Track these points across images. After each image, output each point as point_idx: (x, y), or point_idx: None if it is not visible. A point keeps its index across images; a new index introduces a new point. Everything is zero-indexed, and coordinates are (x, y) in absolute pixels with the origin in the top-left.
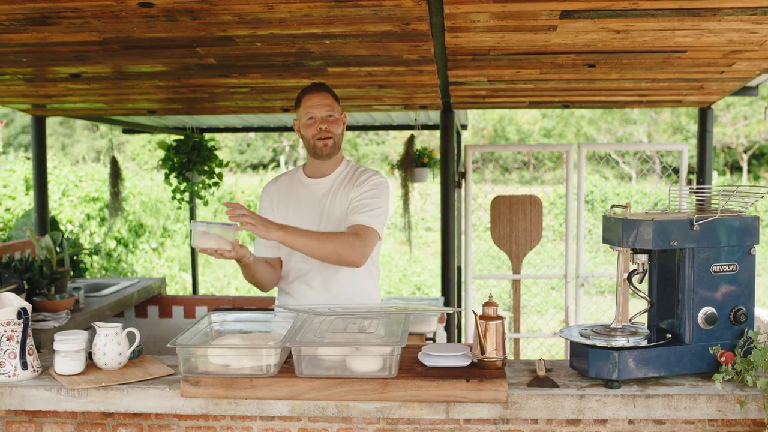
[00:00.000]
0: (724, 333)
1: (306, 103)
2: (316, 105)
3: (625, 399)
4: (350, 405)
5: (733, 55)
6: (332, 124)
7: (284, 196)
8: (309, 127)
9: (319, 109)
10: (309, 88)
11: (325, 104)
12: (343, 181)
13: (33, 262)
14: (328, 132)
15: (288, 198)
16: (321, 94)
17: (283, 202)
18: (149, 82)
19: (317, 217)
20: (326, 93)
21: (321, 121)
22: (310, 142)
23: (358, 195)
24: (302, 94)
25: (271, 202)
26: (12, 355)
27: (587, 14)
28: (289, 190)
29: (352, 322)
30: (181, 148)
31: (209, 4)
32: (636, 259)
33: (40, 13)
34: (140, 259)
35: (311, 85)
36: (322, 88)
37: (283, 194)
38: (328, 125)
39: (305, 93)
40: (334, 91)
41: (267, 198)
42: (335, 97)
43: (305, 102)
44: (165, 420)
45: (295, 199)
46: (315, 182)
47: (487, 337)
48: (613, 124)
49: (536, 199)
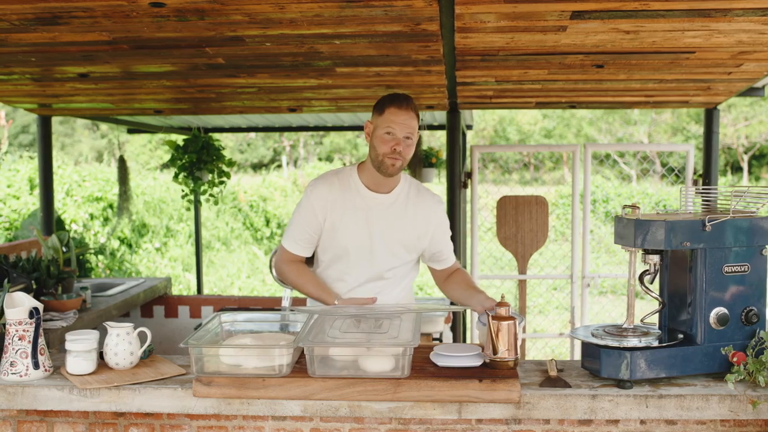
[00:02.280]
0: (735, 333)
1: (390, 116)
2: (400, 123)
3: (637, 399)
4: (363, 405)
5: (741, 56)
6: (407, 148)
7: (339, 201)
8: (384, 142)
9: (401, 128)
10: (398, 100)
11: (408, 125)
12: (403, 203)
13: (40, 261)
14: (400, 155)
15: (344, 204)
16: (409, 113)
17: (338, 207)
18: (157, 82)
19: (372, 231)
20: (413, 113)
21: (398, 142)
22: (380, 158)
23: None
24: (389, 103)
25: (324, 205)
26: (24, 355)
27: (598, 15)
28: (344, 196)
29: (364, 322)
30: (189, 147)
31: (220, 4)
32: (648, 259)
33: (50, 13)
34: (143, 258)
35: (401, 96)
36: (411, 106)
37: (338, 198)
38: (404, 148)
39: (393, 104)
40: (418, 109)
41: (318, 199)
42: (418, 116)
43: (389, 114)
44: (177, 420)
45: (352, 207)
46: (374, 197)
47: (499, 337)
48: (613, 124)
49: (542, 199)
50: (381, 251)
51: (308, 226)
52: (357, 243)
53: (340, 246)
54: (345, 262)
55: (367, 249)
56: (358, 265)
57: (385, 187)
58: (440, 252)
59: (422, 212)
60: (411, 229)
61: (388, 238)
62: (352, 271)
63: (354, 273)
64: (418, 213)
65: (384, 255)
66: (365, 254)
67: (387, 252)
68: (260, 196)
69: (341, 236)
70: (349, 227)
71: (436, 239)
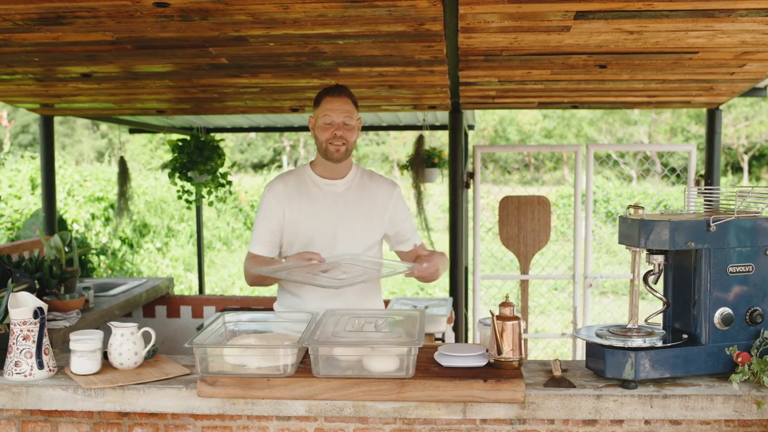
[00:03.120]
0: (739, 334)
1: (326, 105)
2: (336, 109)
3: (642, 399)
4: (367, 405)
5: (744, 57)
6: (348, 131)
7: (295, 194)
8: (324, 130)
9: (337, 114)
10: (332, 90)
11: (344, 110)
12: (358, 187)
13: (43, 261)
14: (342, 138)
15: (300, 196)
16: (342, 99)
17: (295, 200)
18: (159, 81)
19: (333, 217)
20: (347, 98)
21: (337, 126)
22: (323, 145)
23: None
24: (324, 95)
25: (281, 201)
26: (28, 355)
27: (602, 15)
28: (300, 189)
29: (368, 322)
30: (184, 147)
31: (224, 4)
32: (652, 259)
33: (54, 13)
34: (144, 259)
35: (334, 87)
36: (345, 93)
37: (294, 192)
38: (344, 132)
39: (327, 94)
40: (354, 97)
41: (275, 196)
42: (355, 103)
43: (325, 103)
44: (181, 420)
45: (307, 197)
46: (328, 183)
47: (503, 337)
48: (614, 125)
49: (544, 199)
50: (343, 236)
51: (269, 224)
52: (319, 231)
53: (305, 235)
54: None
55: (330, 236)
56: (324, 253)
57: (337, 174)
58: (401, 232)
59: (378, 194)
60: (369, 210)
61: (348, 223)
62: None
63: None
64: (374, 195)
65: (347, 240)
66: (328, 241)
67: (349, 236)
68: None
69: (302, 227)
70: (309, 217)
71: (395, 219)
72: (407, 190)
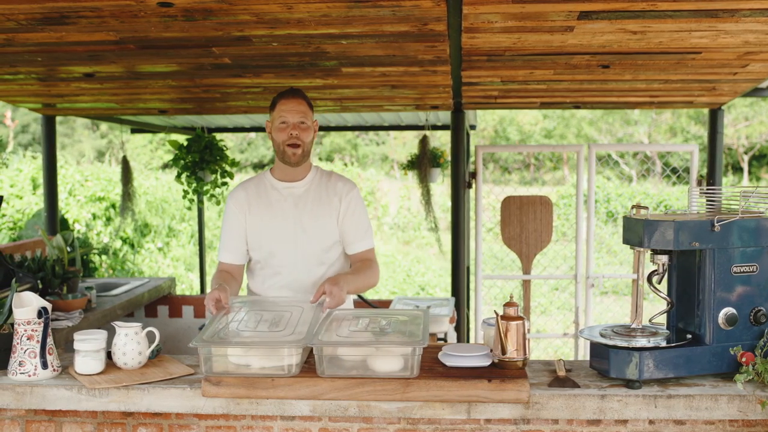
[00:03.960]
0: (744, 334)
1: (281, 107)
2: (290, 110)
3: (646, 399)
4: (372, 405)
5: (747, 57)
6: (303, 132)
7: (255, 200)
8: (281, 131)
9: (292, 115)
10: (285, 93)
11: (298, 111)
12: (317, 188)
13: (45, 261)
14: (298, 139)
15: (259, 202)
16: (296, 100)
17: (254, 206)
18: (162, 81)
19: (292, 221)
20: (301, 99)
21: (293, 127)
22: (280, 147)
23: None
24: (278, 98)
25: (241, 208)
26: (32, 355)
27: (605, 15)
28: (259, 194)
29: (372, 322)
30: (193, 147)
31: (228, 4)
32: (656, 259)
33: (58, 12)
34: (145, 258)
35: (288, 90)
36: (298, 95)
37: (254, 199)
38: (299, 132)
39: (281, 97)
40: (309, 99)
41: (236, 204)
42: (310, 104)
43: (280, 106)
44: (185, 420)
45: (267, 202)
46: (287, 186)
47: (508, 337)
48: (613, 125)
49: (546, 199)
50: (305, 237)
51: (232, 233)
52: (282, 233)
53: (268, 239)
54: (276, 256)
55: (291, 238)
56: (288, 254)
57: (296, 177)
58: (345, 233)
59: (336, 194)
60: (328, 210)
61: (308, 223)
62: (285, 262)
63: (287, 264)
64: (331, 195)
65: (309, 240)
66: (290, 244)
67: (311, 237)
68: None
69: (265, 231)
70: (270, 221)
71: (344, 220)
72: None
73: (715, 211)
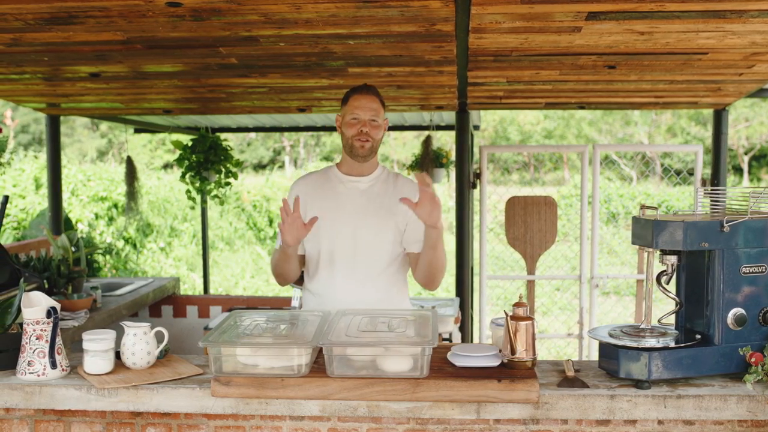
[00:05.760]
0: (753, 334)
1: (353, 102)
2: (363, 107)
3: (656, 399)
4: (381, 405)
5: (753, 57)
6: (374, 129)
7: (320, 192)
8: (351, 126)
9: (364, 111)
10: (359, 89)
11: (371, 108)
12: (383, 185)
13: (51, 261)
14: (368, 135)
15: (324, 193)
16: (369, 97)
17: (318, 197)
18: (168, 81)
19: (354, 214)
20: (374, 96)
21: (364, 123)
22: (349, 142)
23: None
24: (351, 93)
25: (304, 197)
26: (41, 354)
27: (613, 16)
28: (325, 186)
29: (381, 321)
30: (197, 147)
31: (237, 4)
32: (665, 260)
33: (67, 12)
34: (148, 258)
35: (362, 86)
36: (372, 92)
37: (318, 190)
38: (370, 129)
39: (355, 92)
40: (382, 97)
41: (300, 192)
42: (382, 102)
43: (353, 101)
44: (194, 420)
45: (333, 194)
46: (354, 179)
47: (517, 337)
48: (613, 125)
49: (551, 200)
50: (364, 231)
51: None
52: (341, 227)
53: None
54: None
55: (351, 231)
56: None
57: (362, 172)
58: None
59: (401, 193)
60: (390, 207)
61: (369, 218)
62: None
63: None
64: (397, 194)
65: (367, 236)
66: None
67: (370, 232)
68: (263, 196)
69: (325, 222)
70: (331, 212)
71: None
72: None
73: (721, 212)
